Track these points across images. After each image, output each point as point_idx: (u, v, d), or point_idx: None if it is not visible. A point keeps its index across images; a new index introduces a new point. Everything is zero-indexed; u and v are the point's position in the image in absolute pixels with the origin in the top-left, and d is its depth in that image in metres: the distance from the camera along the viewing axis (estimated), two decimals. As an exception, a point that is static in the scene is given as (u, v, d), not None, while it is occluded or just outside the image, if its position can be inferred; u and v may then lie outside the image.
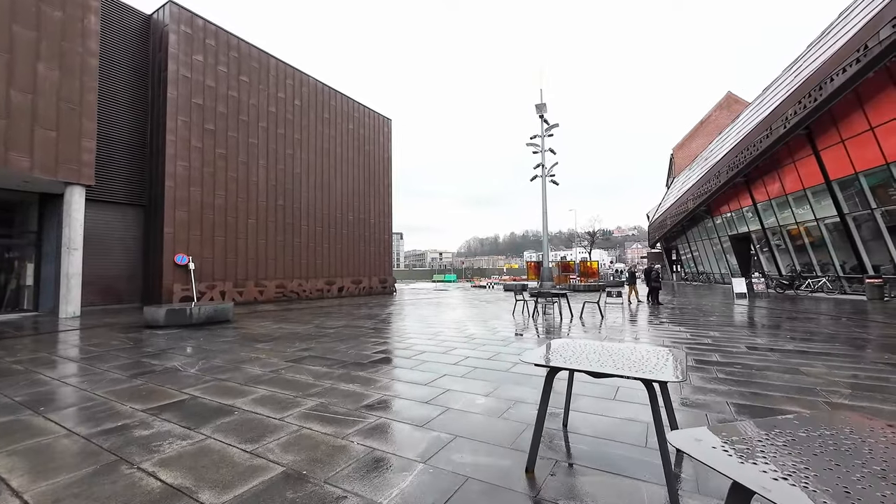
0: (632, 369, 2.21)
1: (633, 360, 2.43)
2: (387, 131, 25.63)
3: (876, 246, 14.82)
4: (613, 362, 2.37)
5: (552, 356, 2.54)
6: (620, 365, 2.31)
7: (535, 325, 8.78)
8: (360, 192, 22.80)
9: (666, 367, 2.24)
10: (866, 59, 11.92)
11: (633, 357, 2.49)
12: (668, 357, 2.48)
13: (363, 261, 22.77)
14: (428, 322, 9.52)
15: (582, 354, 2.58)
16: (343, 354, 5.70)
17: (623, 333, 7.51)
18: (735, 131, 23.05)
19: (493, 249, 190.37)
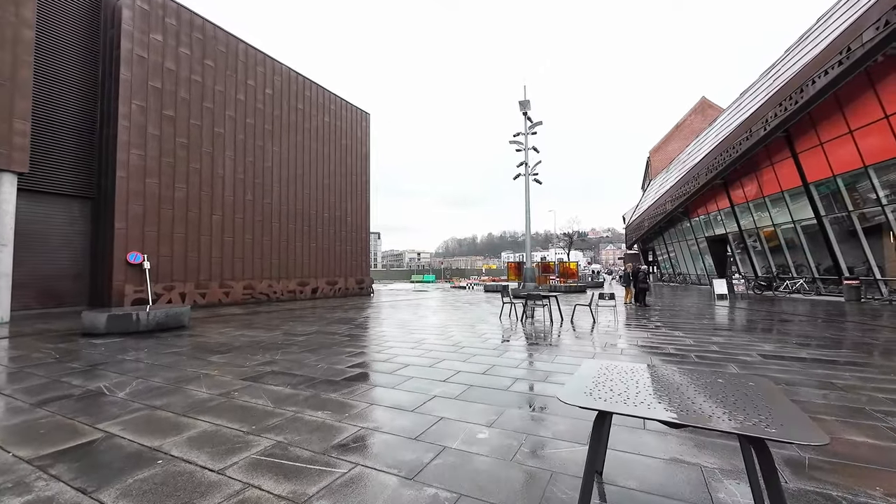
0: (725, 413, 1.54)
1: (713, 394, 1.76)
2: (365, 126, 24.62)
3: (851, 248, 15.06)
4: (691, 400, 1.69)
5: (597, 391, 1.85)
6: (702, 403, 1.64)
7: (524, 330, 8.15)
8: (336, 188, 21.72)
9: (773, 411, 1.58)
10: (849, 62, 11.96)
11: (712, 391, 1.82)
12: (759, 391, 1.82)
13: (339, 261, 21.70)
14: (409, 327, 8.75)
15: (636, 387, 1.90)
16: (312, 369, 4.86)
17: (619, 339, 6.96)
18: (713, 134, 23.32)
19: (471, 250, 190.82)
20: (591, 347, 6.23)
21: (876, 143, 12.81)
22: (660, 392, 1.82)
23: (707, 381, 1.99)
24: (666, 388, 1.88)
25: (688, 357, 5.38)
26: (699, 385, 1.92)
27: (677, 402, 1.68)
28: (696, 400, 1.70)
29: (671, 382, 1.98)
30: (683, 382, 1.97)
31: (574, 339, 6.99)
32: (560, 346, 6.33)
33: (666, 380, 2.03)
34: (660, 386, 1.92)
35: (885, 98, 12.18)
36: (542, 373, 4.61)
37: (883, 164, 12.81)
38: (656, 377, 2.08)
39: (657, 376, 2.10)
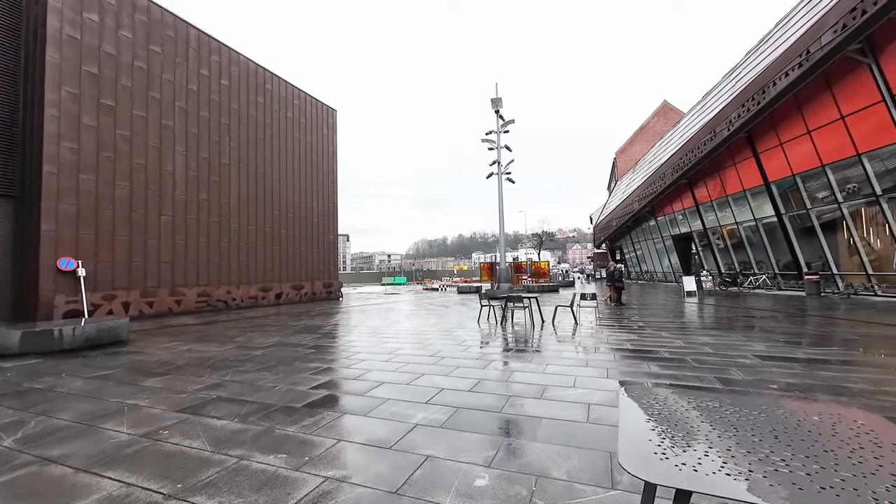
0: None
1: (808, 443, 1.24)
2: (332, 123, 23.54)
3: (808, 244, 15.68)
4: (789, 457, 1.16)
5: (664, 448, 1.29)
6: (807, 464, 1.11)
7: (506, 335, 7.65)
8: (301, 187, 20.55)
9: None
10: (808, 64, 12.34)
11: (802, 437, 1.31)
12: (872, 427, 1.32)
13: (305, 264, 20.53)
14: (382, 335, 8.05)
15: (703, 438, 1.36)
16: (269, 393, 4.10)
17: (607, 343, 6.59)
18: (678, 135, 23.96)
19: (441, 251, 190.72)
20: (581, 353, 5.79)
21: (832, 143, 13.32)
22: (741, 446, 1.29)
23: (781, 418, 1.49)
24: (741, 439, 1.36)
25: (685, 362, 5.03)
26: (775, 424, 1.42)
27: (774, 466, 1.14)
28: (797, 456, 1.18)
29: (735, 423, 1.47)
30: (758, 423, 1.45)
31: (560, 344, 6.55)
32: (547, 353, 5.86)
33: (727, 420, 1.51)
34: (728, 431, 1.40)
35: (841, 99, 12.67)
36: (536, 387, 4.08)
37: (839, 162, 13.34)
38: (712, 414, 1.56)
39: (713, 413, 1.58)
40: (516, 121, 19.95)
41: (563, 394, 3.82)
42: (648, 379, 4.28)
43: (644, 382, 4.17)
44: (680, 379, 4.25)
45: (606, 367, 4.83)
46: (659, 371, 4.59)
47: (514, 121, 19.81)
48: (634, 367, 4.80)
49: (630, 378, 4.36)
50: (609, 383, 4.16)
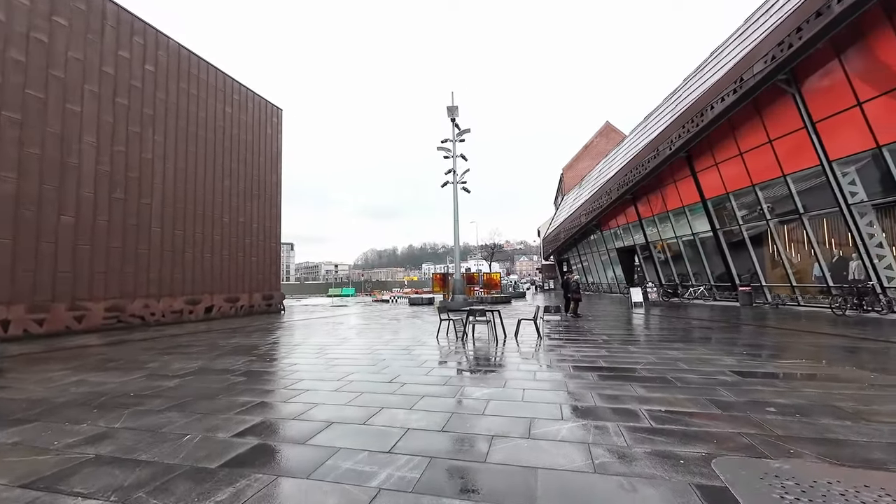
0: None
1: None
2: (276, 122, 21.92)
3: (740, 257, 16.86)
4: None
5: None
6: None
7: (470, 353, 7.01)
8: (240, 189, 18.72)
9: None
10: (742, 90, 13.28)
11: None
12: None
13: (242, 274, 18.61)
14: (329, 355, 7.05)
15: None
16: (174, 446, 3.08)
17: (580, 361, 6.17)
18: (622, 153, 25.21)
19: (391, 262, 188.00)
20: (556, 374, 5.28)
21: (761, 164, 14.43)
22: None
23: None
24: None
25: (668, 382, 4.67)
26: None
27: None
28: None
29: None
30: None
31: (530, 363, 6.01)
32: (519, 374, 5.28)
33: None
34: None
35: (769, 125, 13.76)
36: (520, 422, 3.44)
37: (767, 182, 14.46)
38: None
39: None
40: (470, 131, 19.77)
41: (554, 430, 3.22)
42: (640, 405, 3.81)
43: (638, 410, 3.69)
44: (673, 404, 3.83)
45: (591, 391, 4.33)
46: (647, 394, 4.16)
47: (469, 130, 19.61)
48: (620, 391, 4.34)
49: (620, 405, 3.87)
50: (601, 410, 3.63)
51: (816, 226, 13.38)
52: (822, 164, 12.16)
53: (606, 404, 3.86)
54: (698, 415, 3.52)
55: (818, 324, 9.79)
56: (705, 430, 3.14)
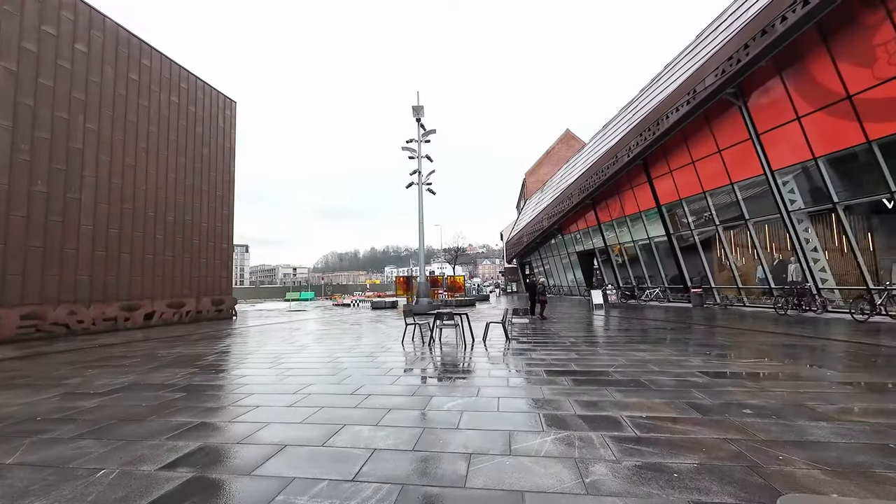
0: None
1: None
2: (230, 115, 20.58)
3: (691, 260, 17.74)
4: None
5: None
6: None
7: (438, 359, 6.68)
8: (187, 186, 17.32)
9: None
10: (695, 101, 13.97)
11: None
12: None
13: (189, 277, 17.19)
14: (284, 365, 6.46)
15: None
16: (83, 484, 2.50)
17: (546, 365, 6.01)
18: (582, 160, 25.98)
19: (353, 265, 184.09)
20: (531, 381, 5.06)
21: (711, 172, 15.25)
22: None
23: None
24: None
25: (643, 385, 4.58)
26: None
27: None
28: None
29: None
30: None
31: (500, 368, 5.77)
32: (492, 381, 5.02)
33: None
34: None
35: (718, 135, 14.57)
36: (498, 435, 3.15)
37: (716, 190, 15.29)
38: None
39: None
40: (436, 132, 19.53)
41: (536, 444, 2.95)
42: (620, 412, 3.65)
43: (619, 417, 3.51)
44: (653, 409, 3.69)
45: (568, 397, 4.13)
46: (624, 399, 4.02)
47: (435, 131, 19.36)
48: (597, 396, 4.17)
49: (600, 413, 3.68)
50: (581, 419, 3.43)
51: (760, 231, 14.28)
52: (766, 174, 13.00)
53: (586, 412, 3.67)
54: (680, 420, 3.39)
55: (765, 323, 10.34)
56: (691, 438, 3.00)
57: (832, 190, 11.38)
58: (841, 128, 10.76)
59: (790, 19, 10.43)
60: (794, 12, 10.31)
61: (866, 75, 10.07)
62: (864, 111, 10.21)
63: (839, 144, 10.90)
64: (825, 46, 10.75)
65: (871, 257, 11.29)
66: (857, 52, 10.18)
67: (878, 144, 10.11)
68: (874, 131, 10.09)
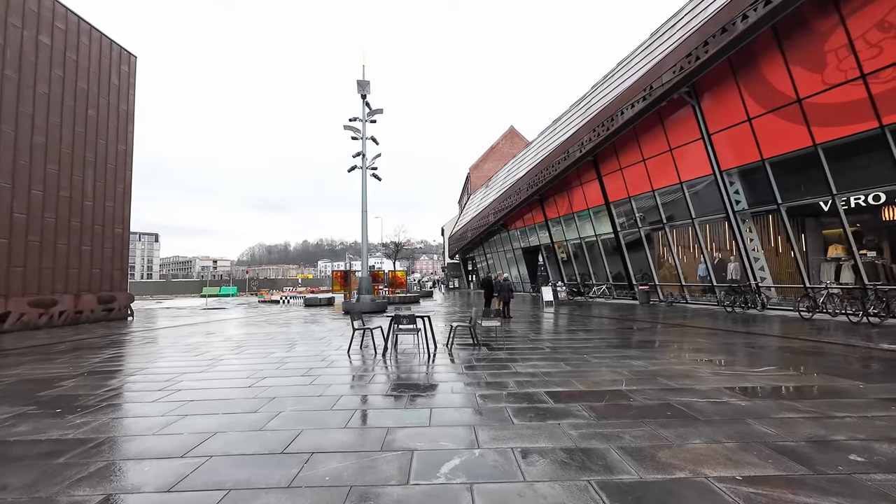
0: None
1: None
2: (127, 72, 16.89)
3: (636, 258, 18.03)
4: None
5: None
6: None
7: (393, 373, 5.21)
8: (63, 154, 13.71)
9: None
10: (651, 98, 13.84)
11: None
12: None
13: (65, 268, 13.66)
14: (178, 398, 4.56)
15: None
16: None
17: (537, 383, 4.84)
18: (531, 155, 25.70)
19: (283, 258, 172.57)
20: (546, 422, 3.81)
21: (661, 171, 15.40)
22: None
23: None
24: None
25: (681, 413, 3.55)
26: None
27: None
28: None
29: None
30: None
31: (494, 395, 4.47)
32: (488, 418, 3.69)
33: None
34: None
35: (671, 134, 14.68)
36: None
37: (665, 189, 15.49)
38: None
39: None
40: (382, 112, 17.72)
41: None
42: (698, 469, 2.51)
43: (708, 483, 2.36)
44: (738, 463, 2.61)
45: (607, 442, 2.92)
46: (683, 444, 2.92)
47: (382, 110, 17.54)
48: (644, 439, 3.03)
49: (670, 473, 2.51)
50: (670, 496, 2.22)
51: (705, 230, 14.67)
52: (715, 173, 13.24)
53: (652, 472, 2.48)
54: (794, 485, 2.33)
55: (723, 321, 10.28)
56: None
57: (776, 191, 11.76)
58: (789, 130, 11.07)
59: (751, 18, 10.40)
60: (755, 11, 10.27)
61: (816, 80, 10.36)
62: (813, 115, 10.52)
63: (787, 147, 11.22)
64: (779, 50, 10.94)
65: (804, 257, 11.86)
66: (809, 56, 10.44)
67: (823, 148, 10.48)
68: (821, 135, 10.44)
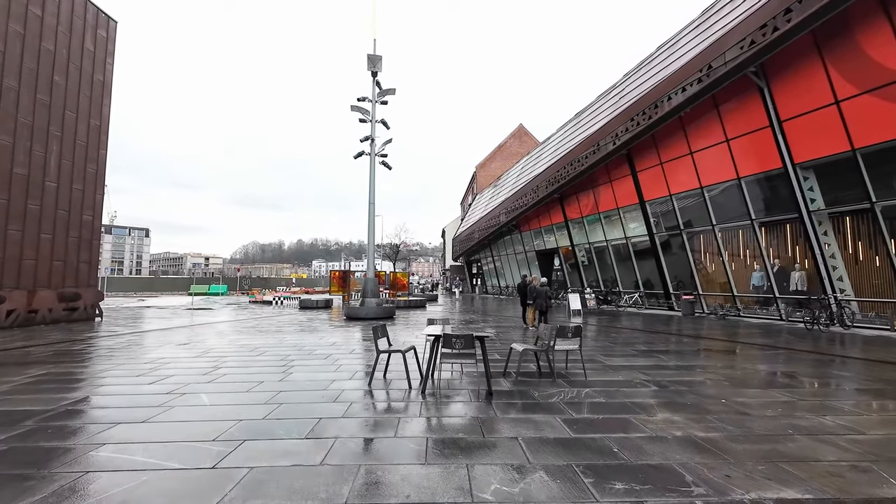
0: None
1: None
2: (104, 38, 14.80)
3: (676, 263, 16.12)
4: None
5: None
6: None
7: (436, 420, 3.18)
8: (21, 124, 11.60)
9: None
10: (709, 80, 12.01)
11: None
12: None
13: (18, 258, 11.51)
14: (82, 482, 2.48)
15: None
16: None
17: (681, 449, 2.84)
18: (550, 149, 23.80)
19: (276, 257, 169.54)
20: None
21: (713, 165, 13.53)
22: None
23: None
24: None
25: None
26: None
27: None
28: None
29: None
30: None
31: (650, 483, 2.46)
32: None
33: None
34: None
35: (728, 121, 12.82)
36: None
37: (717, 185, 13.62)
38: None
39: None
40: (395, 93, 15.74)
41: None
42: None
43: None
44: None
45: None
46: None
47: (394, 90, 15.56)
48: None
49: None
50: None
51: (770, 234, 12.81)
52: (786, 167, 11.38)
53: None
54: None
55: (818, 342, 8.36)
56: None
57: (871, 188, 9.90)
58: (894, 114, 9.23)
59: (854, -25, 8.58)
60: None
61: (936, 51, 8.55)
62: (929, 94, 8.71)
63: (890, 134, 9.36)
64: (886, 15, 9.11)
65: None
66: (926, 22, 8.62)
67: (941, 135, 8.65)
68: (940, 118, 8.61)
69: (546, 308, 10.21)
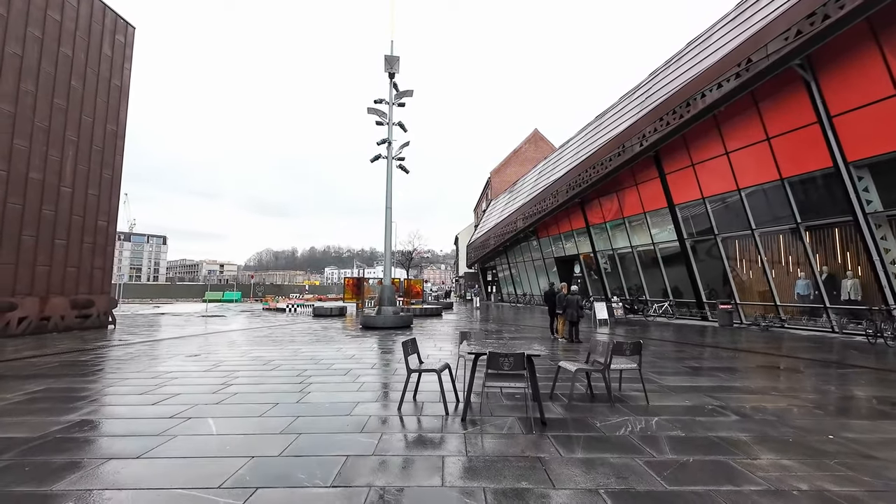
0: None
1: None
2: (123, 44, 14.73)
3: (709, 270, 15.19)
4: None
5: None
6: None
7: (487, 458, 2.51)
8: (37, 128, 11.45)
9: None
10: (748, 74, 11.24)
11: None
12: None
13: (31, 264, 11.27)
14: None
15: None
16: None
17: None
18: (570, 153, 23.10)
19: (290, 264, 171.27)
20: None
21: (752, 166, 12.68)
22: None
23: None
24: None
25: None
26: None
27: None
28: None
29: None
30: None
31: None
32: None
33: None
34: None
35: (769, 119, 11.99)
36: None
37: (756, 187, 12.75)
38: None
39: None
40: (412, 94, 15.29)
41: None
42: None
43: None
44: None
45: None
46: None
47: (412, 92, 15.11)
48: None
49: None
50: None
51: (816, 238, 11.87)
52: (838, 166, 10.49)
53: None
54: None
55: (886, 358, 7.45)
56: None
57: (938, 187, 8.98)
58: (967, 105, 8.34)
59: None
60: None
61: None
62: None
63: (962, 127, 8.47)
64: (956, -3, 8.28)
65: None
66: None
67: None
68: None
69: (578, 318, 9.48)
